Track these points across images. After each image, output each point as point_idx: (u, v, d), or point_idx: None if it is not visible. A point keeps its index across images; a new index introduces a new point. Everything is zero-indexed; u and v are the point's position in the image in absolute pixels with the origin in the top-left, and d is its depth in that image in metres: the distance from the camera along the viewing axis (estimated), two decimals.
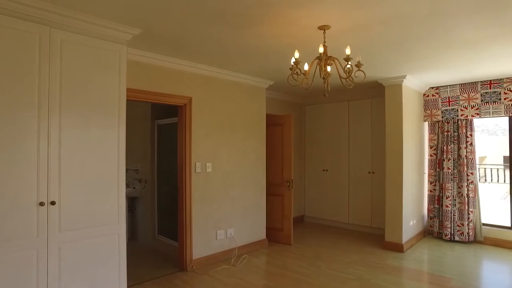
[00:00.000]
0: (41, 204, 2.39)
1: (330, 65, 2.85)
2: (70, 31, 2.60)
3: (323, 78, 2.88)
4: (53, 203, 2.46)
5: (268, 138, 5.43)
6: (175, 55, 3.88)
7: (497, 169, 13.80)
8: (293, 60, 2.76)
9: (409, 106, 5.15)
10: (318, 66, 2.80)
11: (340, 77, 2.80)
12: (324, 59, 2.74)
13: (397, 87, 4.98)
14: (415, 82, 5.19)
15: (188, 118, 4.21)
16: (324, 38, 2.90)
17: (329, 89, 3.05)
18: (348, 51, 2.66)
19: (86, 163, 2.70)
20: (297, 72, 2.80)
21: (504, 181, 13.36)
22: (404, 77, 4.83)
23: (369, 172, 5.98)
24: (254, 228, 5.07)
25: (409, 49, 3.59)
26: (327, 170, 6.57)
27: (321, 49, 2.66)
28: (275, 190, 5.41)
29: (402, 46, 3.49)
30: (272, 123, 5.45)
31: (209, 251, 4.43)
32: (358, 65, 2.73)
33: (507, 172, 13.72)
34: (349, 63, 2.66)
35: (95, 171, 2.75)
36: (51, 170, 2.48)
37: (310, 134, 6.88)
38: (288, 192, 5.29)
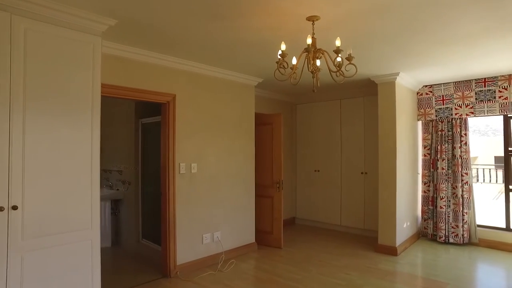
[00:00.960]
0: (0, 209, 2.16)
1: (319, 58, 2.67)
2: (36, 19, 2.37)
3: (312, 72, 2.69)
4: (14, 207, 2.23)
5: (257, 138, 5.24)
6: (157, 49, 3.67)
7: (489, 169, 13.79)
8: (279, 52, 2.57)
9: (402, 104, 5.00)
10: (306, 60, 2.61)
11: (330, 71, 2.61)
12: (312, 51, 2.56)
13: (390, 85, 4.82)
14: (408, 80, 5.03)
15: (172, 116, 4.00)
16: (313, 30, 2.71)
17: (318, 84, 2.86)
18: (338, 43, 2.47)
19: (55, 165, 2.48)
20: (283, 65, 2.61)
21: (496, 181, 13.36)
22: (397, 74, 4.67)
23: (362, 173, 5.82)
24: (243, 231, 4.87)
25: (403, 43, 3.42)
26: (318, 171, 6.40)
27: (309, 40, 2.47)
28: (264, 191, 5.22)
29: (395, 40, 3.32)
30: (262, 122, 5.26)
31: (195, 256, 4.22)
32: (349, 58, 2.55)
33: (500, 172, 13.74)
34: (340, 55, 2.47)
35: (65, 172, 2.53)
36: (13, 172, 2.25)
37: (301, 134, 6.70)
38: (278, 193, 5.10)
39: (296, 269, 4.21)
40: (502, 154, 5.16)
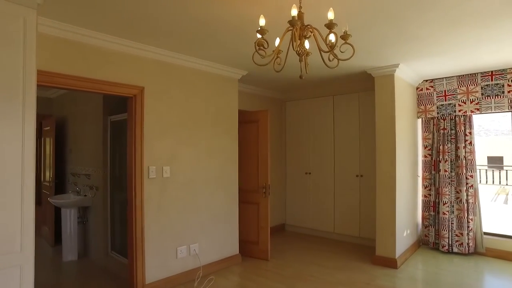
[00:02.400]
0: None
1: (308, 37, 2.15)
2: None
3: (299, 54, 2.18)
4: None
5: (241, 138, 4.72)
6: (120, 34, 3.12)
7: (485, 170, 13.44)
8: (258, 29, 2.05)
9: (402, 100, 4.51)
10: (292, 39, 2.09)
11: (321, 50, 2.09)
12: (299, 26, 2.04)
13: (389, 78, 4.33)
14: (408, 73, 4.55)
15: (140, 112, 3.45)
16: (300, 4, 2.20)
17: (307, 71, 2.35)
18: (331, 15, 1.96)
19: None
20: (263, 46, 2.09)
21: (493, 182, 13.01)
22: (396, 66, 4.18)
23: (357, 176, 5.32)
24: (224, 242, 4.33)
25: (407, 25, 2.92)
26: (310, 173, 5.89)
27: (294, 12, 1.95)
28: (249, 197, 4.69)
29: (397, 19, 2.82)
30: (246, 120, 4.74)
31: (168, 273, 3.67)
32: (345, 36, 2.04)
33: (496, 173, 13.41)
34: (333, 31, 1.96)
35: None
36: None
37: (291, 133, 6.19)
38: (264, 199, 4.57)
39: (284, 286, 3.69)
40: (495, 154, 4.70)
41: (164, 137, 3.68)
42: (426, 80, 5.02)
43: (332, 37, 2.05)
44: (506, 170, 12.45)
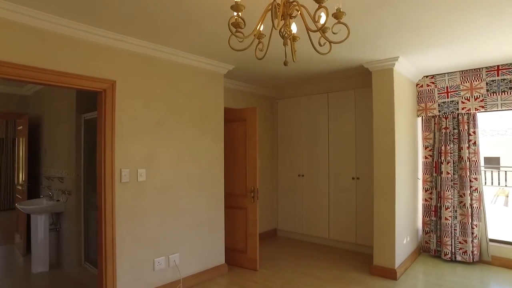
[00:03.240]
0: None
1: (294, 16, 1.80)
2: None
3: (283, 37, 1.83)
4: None
5: (228, 138, 4.36)
6: (86, 20, 2.76)
7: (484, 171, 13.15)
8: (233, 6, 1.70)
9: (401, 97, 4.18)
10: (273, 16, 1.74)
11: (309, 30, 1.74)
12: (282, 2, 1.69)
13: (387, 73, 3.99)
14: (408, 68, 4.21)
15: (110, 109, 3.09)
16: None
17: (294, 58, 1.99)
18: None
19: None
20: (240, 26, 1.74)
21: (492, 183, 12.73)
22: (396, 59, 3.84)
23: (353, 178, 4.98)
24: (209, 251, 3.97)
25: (407, 9, 2.58)
26: (303, 176, 5.54)
27: None
28: (236, 202, 4.34)
29: (397, 3, 2.48)
30: (233, 118, 4.39)
31: (143, 287, 3.31)
32: (338, 14, 1.69)
33: (495, 174, 13.13)
34: (323, 5, 1.60)
35: None
36: None
37: (283, 133, 5.84)
38: (253, 204, 4.22)
39: None
40: (492, 155, 4.38)
41: (140, 136, 3.31)
42: (427, 76, 4.69)
43: (322, 17, 1.70)
44: (505, 171, 12.18)
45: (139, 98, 3.32)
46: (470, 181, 4.33)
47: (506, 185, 11.90)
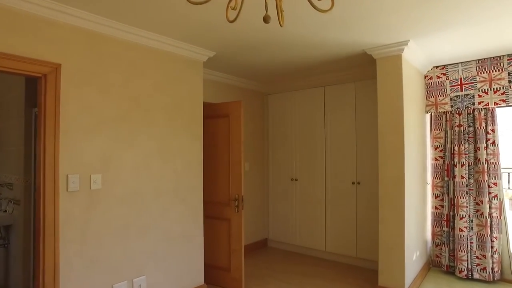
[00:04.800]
0: None
1: None
2: None
3: None
4: None
5: (208, 136, 3.74)
6: None
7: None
8: None
9: (410, 90, 3.59)
10: None
11: None
12: None
13: (395, 60, 3.40)
14: (417, 55, 3.63)
15: (52, 98, 2.44)
16: None
17: (281, 20, 1.39)
18: None
19: None
20: None
21: (509, 187, 12.10)
22: (405, 43, 3.25)
23: (353, 183, 4.38)
24: (184, 270, 3.34)
25: None
26: (296, 180, 4.93)
27: None
28: (218, 211, 3.71)
29: None
30: (213, 114, 3.76)
31: None
32: None
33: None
34: None
35: None
36: None
37: (275, 132, 5.22)
38: (237, 215, 3.59)
39: None
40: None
41: (95, 134, 2.67)
42: (437, 67, 4.11)
43: None
44: None
45: (94, 87, 2.68)
46: (489, 186, 3.75)
47: None
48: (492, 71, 3.73)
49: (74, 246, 2.52)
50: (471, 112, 3.88)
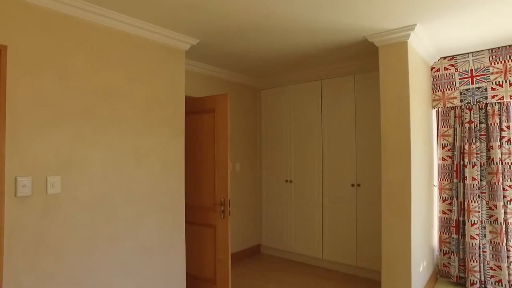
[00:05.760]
0: None
1: None
2: None
3: None
4: None
5: (191, 134, 3.38)
6: None
7: None
8: None
9: (416, 82, 3.21)
10: None
11: None
12: None
13: (400, 48, 3.03)
14: (425, 43, 3.25)
15: None
16: None
17: None
18: None
19: None
20: None
21: None
22: (411, 28, 2.88)
23: (353, 185, 4.00)
24: (162, 283, 2.96)
25: None
26: (291, 182, 4.56)
27: None
28: (202, 217, 3.34)
29: None
30: (197, 109, 3.40)
31: None
32: None
33: None
34: None
35: None
36: None
37: (268, 130, 4.85)
38: (223, 221, 3.22)
39: None
40: None
41: (52, 130, 2.30)
42: (445, 58, 3.74)
43: None
44: None
45: (51, 74, 2.30)
46: (504, 189, 3.38)
47: None
48: (508, 61, 3.36)
49: (24, 261, 2.14)
50: (483, 107, 3.51)
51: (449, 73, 3.72)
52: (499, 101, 3.40)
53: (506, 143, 3.38)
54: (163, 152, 3.00)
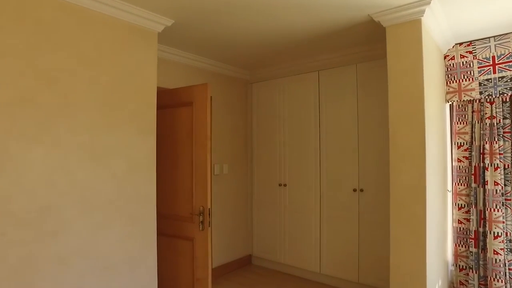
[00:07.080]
0: None
1: None
2: None
3: None
4: None
5: (164, 130, 2.88)
6: None
7: None
8: None
9: (430, 70, 2.72)
10: None
11: None
12: None
13: (413, 26, 2.53)
14: (440, 23, 2.76)
15: None
16: None
17: None
18: None
19: None
20: None
21: None
22: (427, 2, 2.38)
23: (355, 190, 3.51)
24: None
25: None
26: (285, 185, 4.07)
27: None
28: (177, 228, 2.85)
29: None
30: (173, 102, 2.90)
31: None
32: None
33: None
34: None
35: None
36: None
37: (260, 128, 4.35)
38: (202, 233, 2.72)
39: None
40: None
41: None
42: (460, 44, 3.25)
43: None
44: None
45: None
46: None
47: None
48: None
49: None
50: (508, 100, 3.02)
51: (466, 61, 3.22)
52: None
53: None
54: (130, 152, 2.51)
